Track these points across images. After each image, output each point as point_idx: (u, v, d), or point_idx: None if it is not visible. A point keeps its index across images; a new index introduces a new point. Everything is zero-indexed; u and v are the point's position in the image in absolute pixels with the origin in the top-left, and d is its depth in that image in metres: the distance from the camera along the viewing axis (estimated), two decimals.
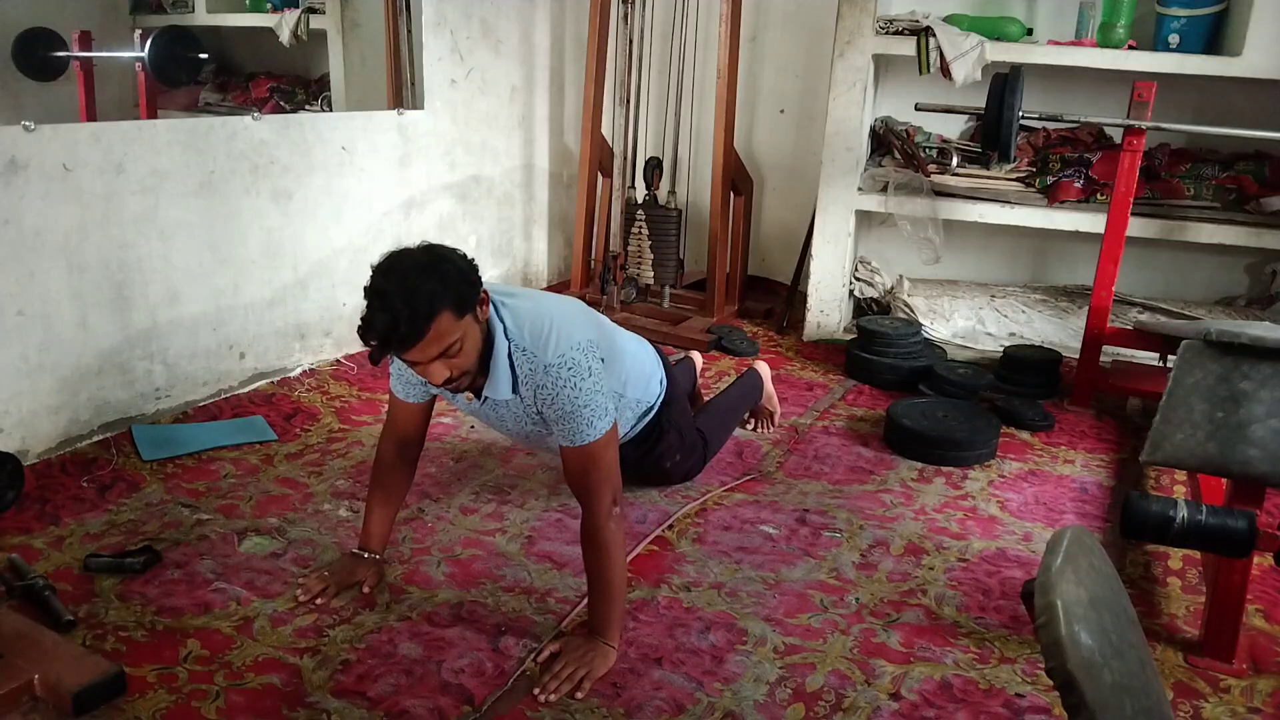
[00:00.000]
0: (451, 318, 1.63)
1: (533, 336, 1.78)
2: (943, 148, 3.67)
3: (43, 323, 2.36)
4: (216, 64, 4.46)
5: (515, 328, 1.79)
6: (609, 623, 1.76)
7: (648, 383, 2.21)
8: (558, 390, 1.76)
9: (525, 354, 1.78)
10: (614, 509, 1.77)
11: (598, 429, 1.77)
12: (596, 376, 1.79)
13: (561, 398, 1.76)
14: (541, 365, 1.77)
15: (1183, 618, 1.99)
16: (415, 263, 1.65)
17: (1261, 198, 3.28)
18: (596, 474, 1.78)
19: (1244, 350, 1.73)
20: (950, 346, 3.58)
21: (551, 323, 1.79)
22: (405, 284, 1.59)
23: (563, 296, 2.02)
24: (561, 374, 1.76)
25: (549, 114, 4.17)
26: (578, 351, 1.78)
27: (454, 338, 1.65)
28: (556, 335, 1.78)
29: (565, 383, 1.76)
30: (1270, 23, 3.01)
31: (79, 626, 1.79)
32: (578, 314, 1.91)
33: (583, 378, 1.77)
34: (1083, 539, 1.02)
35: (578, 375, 1.76)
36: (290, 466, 2.51)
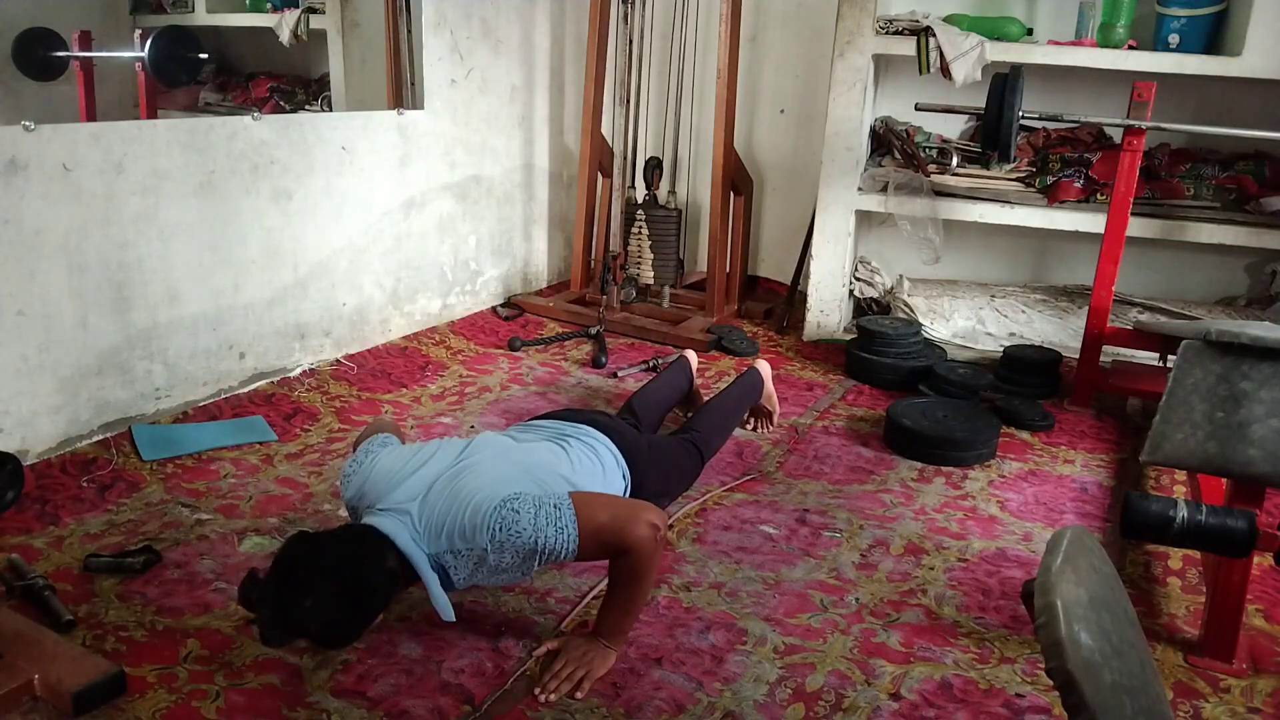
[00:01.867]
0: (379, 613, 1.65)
1: (457, 538, 1.68)
2: (943, 148, 3.67)
3: (43, 323, 2.36)
4: (216, 64, 4.46)
5: (438, 547, 1.69)
6: (617, 630, 1.76)
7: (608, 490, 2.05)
8: (514, 550, 1.66)
9: (460, 555, 1.68)
10: (655, 533, 1.69)
11: (567, 527, 1.66)
12: (525, 509, 1.66)
13: (522, 550, 1.66)
14: (481, 549, 1.66)
15: (1183, 618, 1.99)
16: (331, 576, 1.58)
17: (1261, 198, 3.28)
18: (611, 536, 1.68)
19: (1244, 350, 1.73)
20: (950, 346, 3.58)
21: (464, 508, 1.68)
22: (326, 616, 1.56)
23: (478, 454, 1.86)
24: (501, 538, 1.65)
25: (549, 114, 4.17)
26: (497, 512, 1.65)
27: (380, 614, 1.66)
28: (473, 515, 1.67)
29: (510, 538, 1.65)
30: (1270, 23, 3.01)
31: (79, 626, 1.79)
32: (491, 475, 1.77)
33: (514, 524, 1.65)
34: (1083, 539, 1.02)
35: (510, 528, 1.64)
36: (290, 466, 2.51)
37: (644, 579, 1.72)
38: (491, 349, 3.56)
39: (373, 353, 3.33)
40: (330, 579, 1.57)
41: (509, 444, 1.98)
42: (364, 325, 3.35)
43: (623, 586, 1.74)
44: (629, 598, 1.74)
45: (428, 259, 3.60)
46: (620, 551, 1.69)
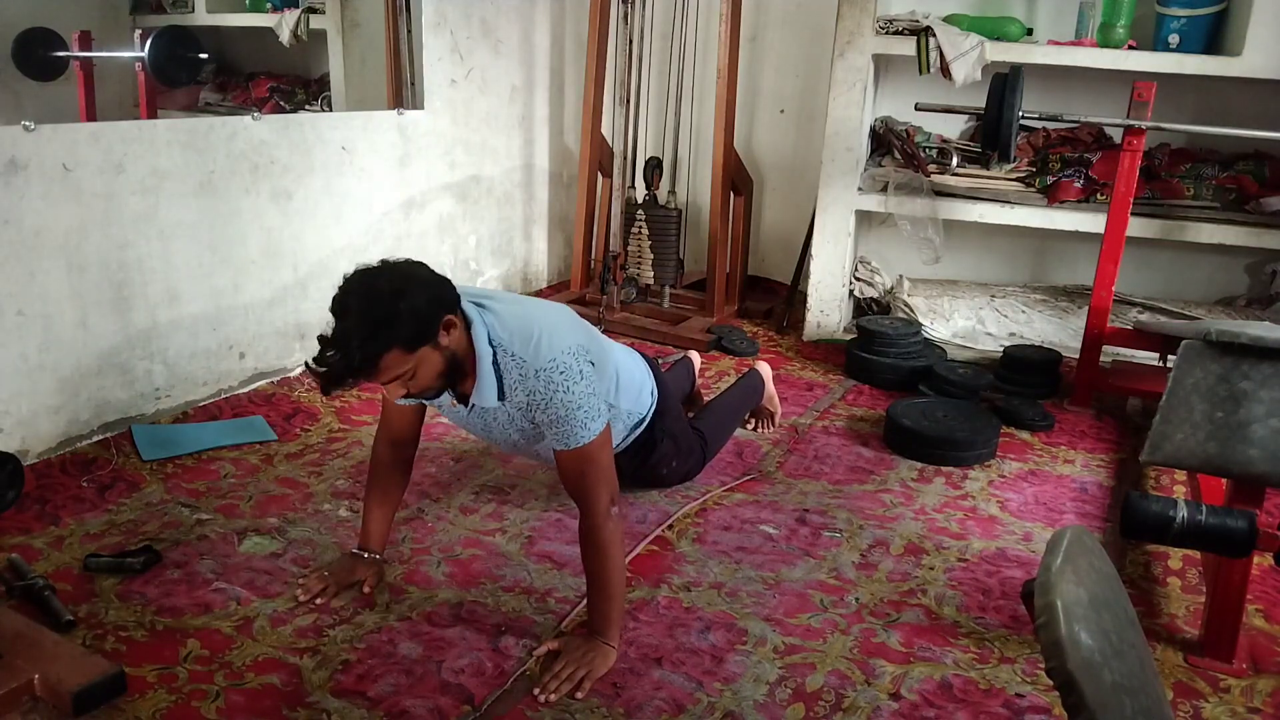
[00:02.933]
0: (400, 353, 1.63)
1: (521, 342, 1.76)
2: (943, 148, 3.67)
3: (43, 323, 2.36)
4: (216, 64, 4.46)
5: (502, 334, 1.78)
6: (609, 622, 1.76)
7: (639, 393, 2.19)
8: (550, 394, 1.75)
9: (514, 359, 1.77)
10: (612, 509, 1.78)
11: (592, 430, 1.77)
12: (588, 380, 1.78)
13: (555, 402, 1.75)
14: (532, 370, 1.75)
15: (1183, 618, 1.99)
16: (375, 292, 1.62)
17: (1261, 198, 3.28)
18: (592, 475, 1.78)
19: (1244, 350, 1.73)
20: (950, 346, 3.58)
21: (540, 328, 1.78)
22: (359, 319, 1.60)
23: (550, 303, 2.02)
24: (554, 378, 1.74)
25: (549, 114, 4.17)
26: (568, 355, 1.76)
27: (405, 368, 1.66)
28: (546, 340, 1.77)
29: (558, 386, 1.74)
30: (1270, 23, 3.01)
31: (79, 626, 1.79)
32: (566, 319, 1.89)
33: (575, 381, 1.75)
34: (1083, 539, 1.02)
35: (570, 379, 1.75)
36: (290, 466, 2.51)
37: (610, 558, 1.75)
38: None
39: None
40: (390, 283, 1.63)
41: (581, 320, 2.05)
42: None
43: (594, 573, 1.77)
44: (604, 583, 1.76)
45: (428, 259, 3.54)
46: (579, 499, 1.79)
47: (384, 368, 1.63)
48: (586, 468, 1.78)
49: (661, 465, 2.34)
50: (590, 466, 1.78)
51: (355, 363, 1.59)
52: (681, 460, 2.39)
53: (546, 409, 1.76)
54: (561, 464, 1.82)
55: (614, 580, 1.76)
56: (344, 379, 1.62)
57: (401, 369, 1.65)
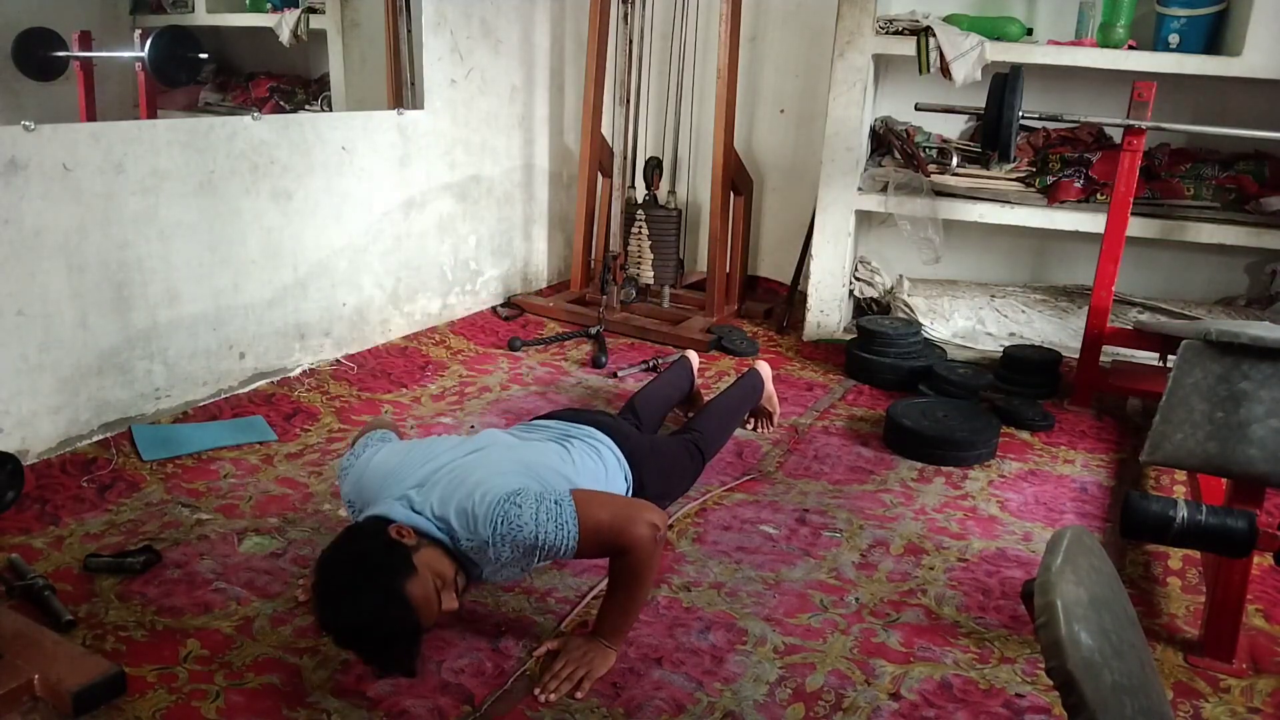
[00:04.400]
0: (413, 581, 1.60)
1: (463, 527, 1.69)
2: (943, 148, 3.67)
3: (43, 323, 2.36)
4: (216, 64, 4.47)
5: (446, 526, 1.70)
6: (617, 630, 1.76)
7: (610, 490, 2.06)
8: (518, 546, 1.67)
9: (471, 544, 1.69)
10: (655, 534, 1.70)
11: (568, 523, 1.67)
12: (527, 504, 1.67)
13: (523, 545, 1.67)
14: (484, 540, 1.67)
15: (1183, 618, 1.99)
16: (347, 580, 1.59)
17: (1261, 198, 3.28)
18: (610, 534, 1.70)
19: (1244, 350, 1.73)
20: (950, 346, 3.58)
21: (468, 496, 1.71)
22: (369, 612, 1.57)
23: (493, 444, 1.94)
24: (505, 534, 1.66)
25: (549, 114, 4.17)
26: (498, 508, 1.67)
27: (430, 585, 1.63)
28: (476, 506, 1.69)
29: (512, 536, 1.66)
30: (1270, 23, 3.01)
31: (79, 626, 1.79)
32: (495, 469, 1.79)
33: (518, 519, 1.66)
34: (1083, 539, 1.02)
35: (513, 522, 1.66)
36: (290, 466, 2.51)
37: (643, 579, 1.73)
38: (491, 349, 3.56)
39: (373, 353, 3.34)
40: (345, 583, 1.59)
41: (512, 441, 2.00)
42: (364, 325, 3.35)
43: (622, 587, 1.74)
44: (628, 598, 1.75)
45: (428, 259, 3.60)
46: (620, 550, 1.70)
47: (420, 602, 1.60)
48: (599, 538, 1.70)
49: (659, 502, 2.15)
50: (601, 534, 1.69)
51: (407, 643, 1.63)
52: (673, 490, 2.33)
53: (529, 555, 1.69)
54: (585, 556, 1.75)
55: (640, 597, 1.76)
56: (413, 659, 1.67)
57: (427, 586, 1.62)
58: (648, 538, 1.69)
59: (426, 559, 1.64)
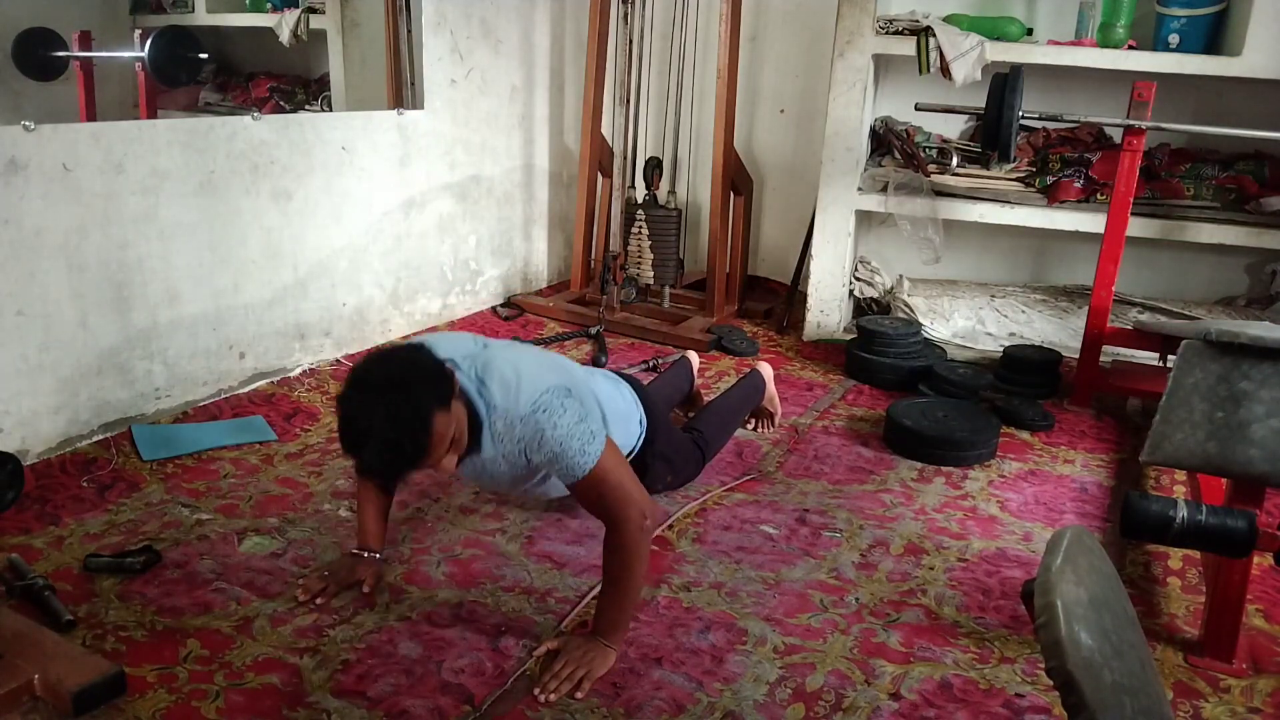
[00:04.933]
0: (443, 414, 1.65)
1: (502, 395, 1.78)
2: (943, 148, 3.67)
3: (43, 323, 2.36)
4: (216, 64, 4.47)
5: (485, 390, 1.79)
6: (615, 626, 1.77)
7: (626, 424, 2.17)
8: (539, 436, 1.76)
9: (499, 411, 1.78)
10: (644, 522, 1.75)
11: (591, 454, 1.75)
12: (572, 410, 1.77)
13: (546, 441, 1.75)
14: (517, 418, 1.76)
15: (1183, 618, 1.99)
16: (387, 382, 1.63)
17: (1261, 198, 3.28)
18: (610, 495, 1.76)
19: (1244, 350, 1.73)
20: (950, 346, 3.58)
21: (516, 375, 1.80)
22: (390, 411, 1.60)
23: (522, 346, 2.05)
24: (539, 419, 1.75)
25: (549, 114, 4.17)
26: (547, 395, 1.77)
27: (451, 430, 1.67)
28: (522, 386, 1.78)
29: (544, 425, 1.75)
30: (1270, 23, 3.01)
31: (79, 626, 1.79)
32: (541, 362, 1.90)
33: (559, 415, 1.75)
34: (1083, 539, 1.02)
35: (553, 415, 1.75)
36: (290, 466, 2.51)
37: (632, 570, 1.74)
38: None
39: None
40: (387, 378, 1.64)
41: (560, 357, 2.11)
42: (364, 325, 3.35)
43: (613, 581, 1.76)
44: (620, 592, 1.76)
45: (428, 259, 3.60)
46: (610, 520, 1.75)
47: (437, 437, 1.63)
48: (602, 489, 1.76)
49: (656, 484, 2.30)
50: (605, 488, 1.76)
51: (410, 451, 1.62)
52: (677, 474, 2.38)
53: (540, 449, 1.77)
54: (578, 496, 1.82)
55: (632, 591, 1.77)
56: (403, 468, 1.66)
57: (449, 432, 1.66)
58: (636, 522, 1.73)
59: (457, 410, 1.70)
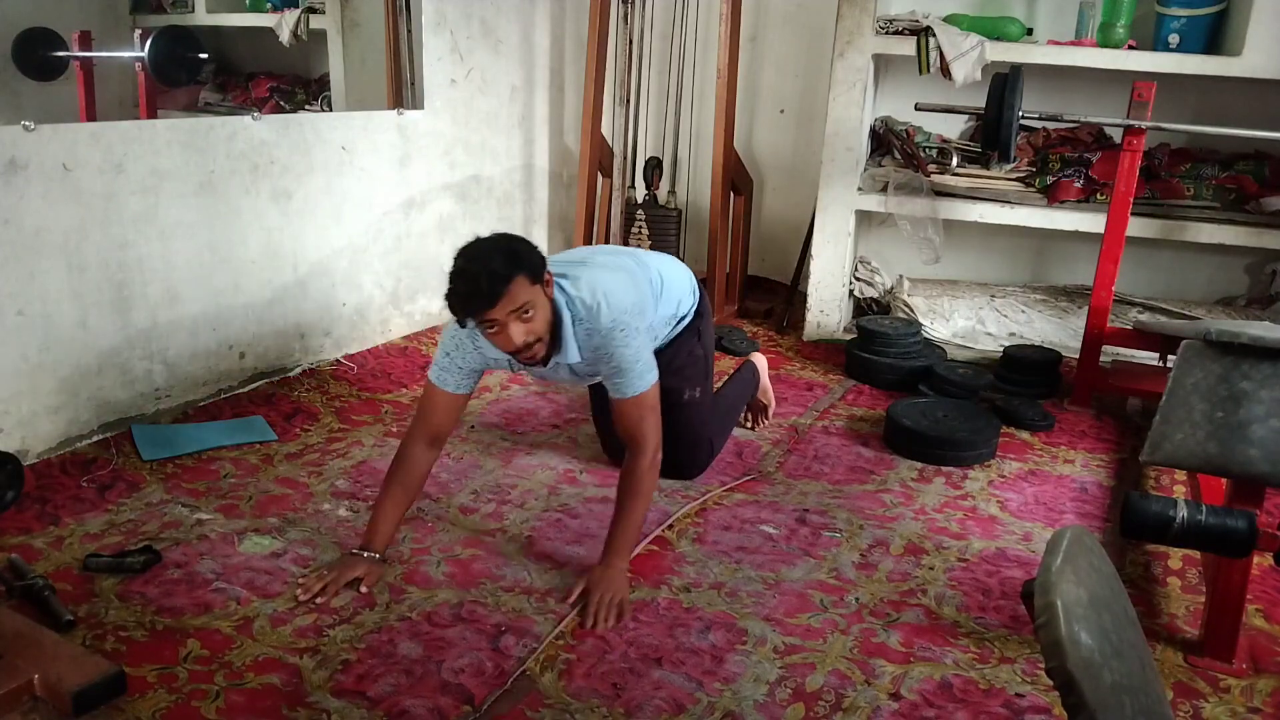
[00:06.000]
0: (525, 281, 1.87)
1: (587, 309, 2.04)
2: (943, 148, 3.67)
3: (43, 323, 2.36)
4: (216, 64, 4.47)
5: (573, 302, 2.05)
6: (623, 546, 1.99)
7: (682, 295, 2.44)
8: (612, 350, 2.04)
9: (582, 324, 2.05)
10: (656, 457, 2.06)
11: (647, 381, 2.07)
12: (642, 337, 2.09)
13: (616, 356, 2.04)
14: (599, 331, 2.04)
15: (1183, 618, 1.99)
16: (493, 242, 1.93)
17: (1261, 198, 3.28)
18: (649, 421, 2.07)
19: (1244, 350, 1.73)
20: (950, 346, 3.58)
21: (602, 293, 2.06)
22: (485, 255, 1.88)
23: (606, 257, 2.29)
24: (615, 336, 2.03)
25: (549, 114, 4.17)
26: (626, 315, 2.05)
27: (527, 299, 1.88)
28: (606, 304, 2.05)
29: (619, 343, 2.03)
30: (1270, 23, 3.01)
31: (79, 626, 1.79)
32: (620, 277, 2.14)
33: (632, 337, 2.05)
34: (1083, 539, 1.02)
35: (629, 335, 2.04)
36: (290, 466, 2.51)
37: (641, 493, 2.02)
38: None
39: (373, 353, 3.34)
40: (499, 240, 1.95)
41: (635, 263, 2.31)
42: (364, 325, 3.35)
43: (624, 504, 2.01)
44: (630, 515, 2.00)
45: (428, 259, 3.60)
46: (631, 440, 2.07)
47: (513, 291, 1.85)
48: (644, 413, 2.06)
49: (686, 386, 2.42)
50: (647, 412, 2.07)
51: (486, 285, 1.82)
52: (703, 393, 2.49)
53: (610, 361, 2.06)
54: (621, 410, 2.08)
55: (637, 516, 2.02)
56: (477, 300, 1.85)
57: (524, 299, 1.87)
58: (652, 455, 2.05)
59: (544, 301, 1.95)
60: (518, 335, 1.89)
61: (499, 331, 1.89)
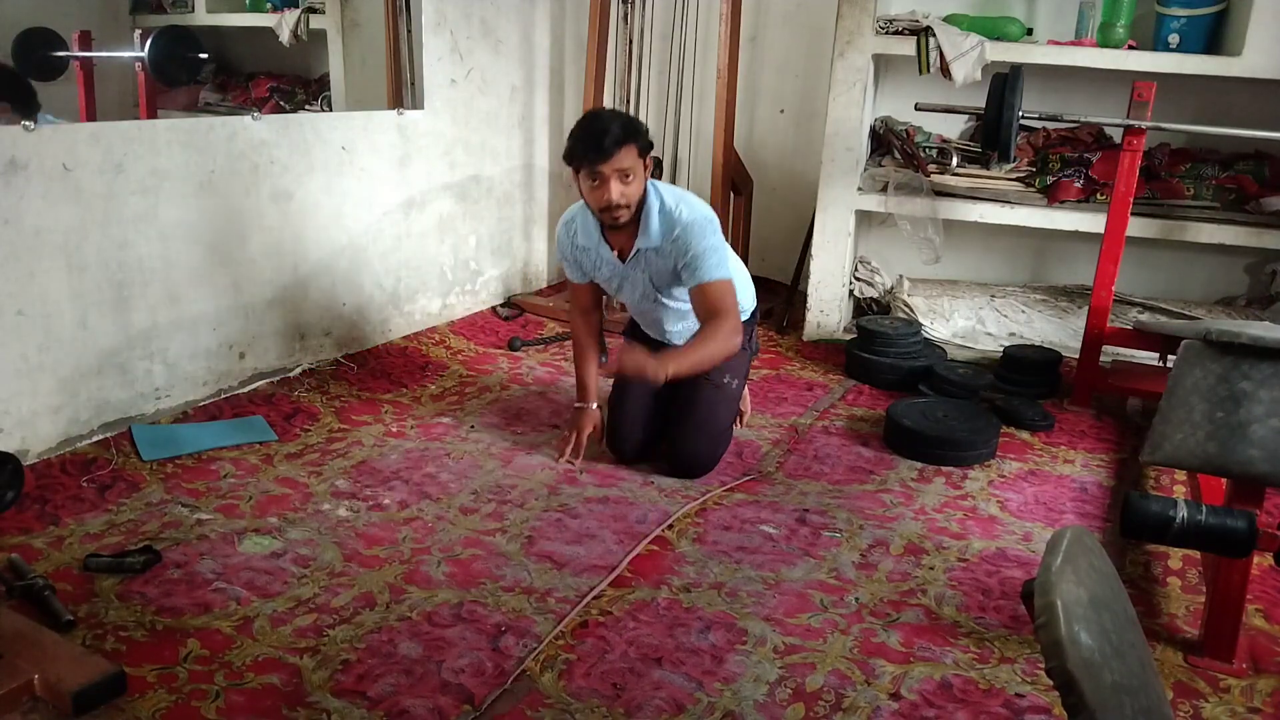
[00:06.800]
0: (634, 150, 2.25)
1: (673, 203, 2.38)
2: (943, 148, 3.67)
3: (43, 323, 2.36)
4: (216, 64, 4.47)
5: (660, 198, 2.37)
6: (678, 356, 2.23)
7: (744, 291, 2.62)
8: (691, 239, 2.32)
9: (666, 214, 2.36)
10: (738, 323, 2.33)
11: (721, 271, 2.33)
12: (718, 239, 2.37)
13: (695, 244, 2.32)
14: (680, 223, 2.34)
15: (1183, 618, 1.99)
16: (615, 112, 2.34)
17: (1261, 198, 3.28)
18: (727, 300, 2.32)
19: (1244, 350, 1.73)
20: (950, 346, 3.58)
21: (684, 203, 2.39)
22: (609, 118, 2.26)
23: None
24: (694, 227, 2.34)
25: (549, 114, 4.17)
26: (703, 219, 2.36)
27: (630, 165, 2.25)
28: (686, 207, 2.38)
29: (697, 233, 2.33)
30: (1270, 23, 3.01)
31: (79, 626, 1.79)
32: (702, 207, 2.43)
33: (710, 234, 2.35)
34: (1083, 539, 1.02)
35: (707, 231, 2.34)
36: (290, 466, 2.51)
37: (715, 338, 2.27)
38: (491, 349, 3.56)
39: (373, 353, 3.34)
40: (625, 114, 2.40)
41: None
42: (364, 325, 3.35)
43: (700, 340, 2.27)
44: (697, 345, 2.27)
45: (428, 259, 3.60)
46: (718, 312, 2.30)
47: (623, 154, 2.23)
48: (723, 293, 2.32)
49: (728, 371, 2.55)
50: (726, 293, 2.33)
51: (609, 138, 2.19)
52: (738, 386, 2.65)
53: (689, 249, 2.32)
54: (702, 291, 2.33)
55: (703, 352, 2.25)
56: (596, 146, 2.21)
57: (630, 163, 2.25)
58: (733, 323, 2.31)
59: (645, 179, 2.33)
60: (614, 192, 2.24)
61: (600, 185, 2.26)
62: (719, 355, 2.29)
